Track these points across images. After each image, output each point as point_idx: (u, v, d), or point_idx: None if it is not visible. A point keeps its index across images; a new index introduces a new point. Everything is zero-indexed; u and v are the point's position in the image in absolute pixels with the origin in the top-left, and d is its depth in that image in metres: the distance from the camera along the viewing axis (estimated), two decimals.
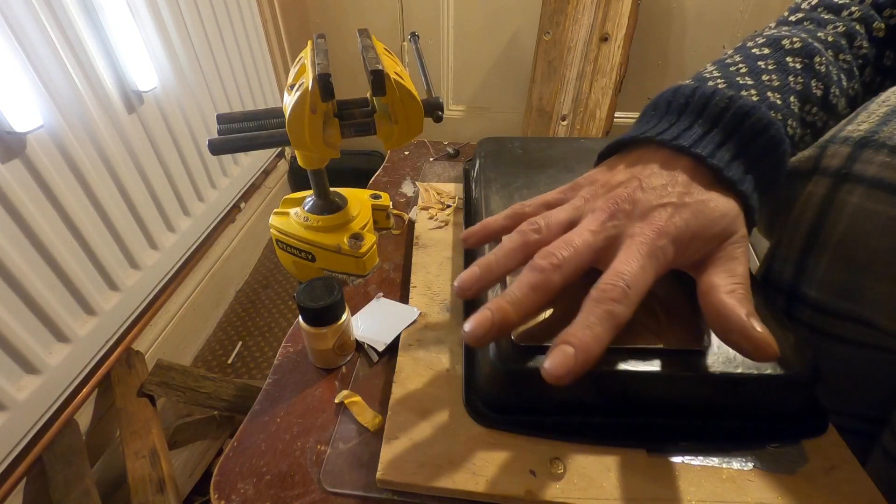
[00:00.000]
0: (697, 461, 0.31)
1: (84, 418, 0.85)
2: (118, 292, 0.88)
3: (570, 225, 0.31)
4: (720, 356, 0.31)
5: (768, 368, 0.30)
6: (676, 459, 0.31)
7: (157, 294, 1.00)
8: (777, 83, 0.32)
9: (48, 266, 0.74)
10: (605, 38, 1.25)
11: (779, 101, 0.32)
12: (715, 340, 0.32)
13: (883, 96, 0.32)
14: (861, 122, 0.31)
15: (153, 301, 0.99)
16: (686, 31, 1.37)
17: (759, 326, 0.25)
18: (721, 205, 0.29)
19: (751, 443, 0.32)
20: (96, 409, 0.89)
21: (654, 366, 0.31)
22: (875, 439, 0.35)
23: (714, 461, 0.31)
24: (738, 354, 0.31)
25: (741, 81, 0.32)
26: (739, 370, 0.30)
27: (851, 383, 0.35)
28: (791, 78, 0.33)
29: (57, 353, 0.76)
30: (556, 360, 0.24)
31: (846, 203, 0.30)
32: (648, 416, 0.33)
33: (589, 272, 0.31)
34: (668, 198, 0.28)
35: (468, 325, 0.27)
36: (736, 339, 0.25)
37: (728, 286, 0.27)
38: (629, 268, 0.26)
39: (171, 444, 0.85)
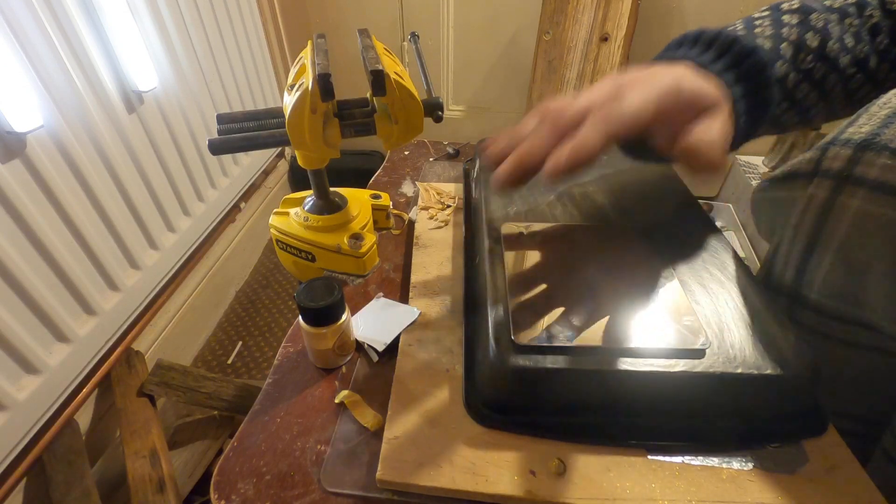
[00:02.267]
0: (697, 461, 0.31)
1: (84, 418, 0.85)
2: (118, 292, 0.88)
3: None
4: (720, 356, 0.31)
5: (768, 368, 0.30)
6: (676, 459, 0.31)
7: (157, 294, 1.00)
8: (769, 32, 0.35)
9: (48, 266, 0.74)
10: (605, 38, 1.25)
11: (768, 45, 0.34)
12: (715, 340, 0.32)
13: (884, 98, 0.32)
14: (862, 125, 0.31)
15: (153, 301, 0.99)
16: (686, 31, 1.37)
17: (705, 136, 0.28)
18: (707, 84, 0.31)
19: (751, 443, 0.32)
20: (96, 409, 0.88)
21: (654, 366, 0.31)
22: (875, 442, 0.35)
23: (714, 461, 0.31)
24: (737, 354, 0.31)
25: (734, 30, 0.36)
26: (739, 370, 0.30)
27: (852, 386, 0.35)
28: (784, 29, 0.35)
29: (57, 353, 0.76)
30: (552, 158, 0.27)
31: (848, 206, 0.30)
32: (648, 416, 0.33)
33: (586, 265, 0.31)
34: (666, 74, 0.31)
35: (498, 170, 0.29)
36: (686, 151, 0.28)
37: (701, 127, 0.29)
38: (631, 100, 0.28)
39: (171, 444, 0.85)
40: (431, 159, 0.75)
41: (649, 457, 0.31)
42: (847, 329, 0.32)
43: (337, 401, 0.39)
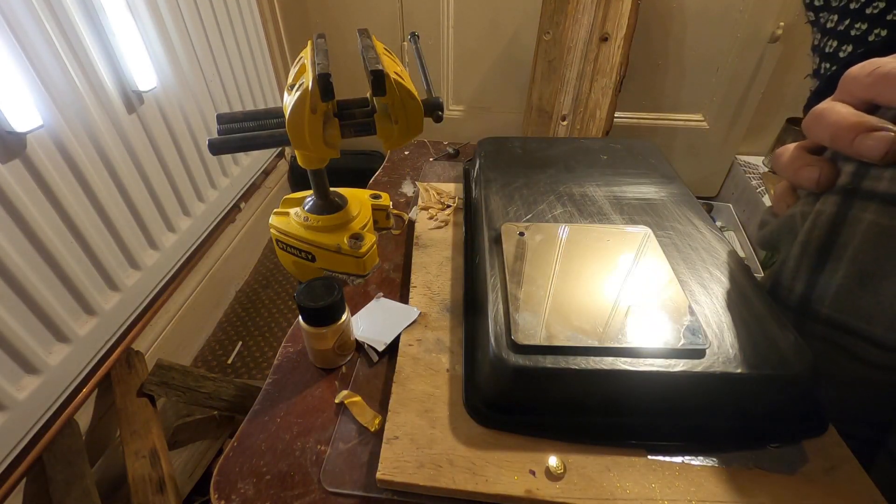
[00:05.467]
0: (697, 461, 0.31)
1: (84, 418, 0.85)
2: (118, 292, 0.88)
3: None
4: (720, 356, 0.31)
5: (768, 368, 0.30)
6: (676, 459, 0.31)
7: (157, 294, 1.00)
8: None
9: (48, 266, 0.74)
10: (605, 38, 1.25)
11: None
12: (715, 340, 0.32)
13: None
14: None
15: (153, 301, 0.99)
16: (686, 31, 1.37)
17: None
18: None
19: (751, 443, 0.32)
20: (96, 409, 0.88)
21: (654, 366, 0.31)
22: (879, 444, 0.34)
23: (714, 461, 0.31)
24: (737, 354, 0.31)
25: None
26: (739, 370, 0.30)
27: (858, 394, 0.35)
28: None
29: (57, 353, 0.76)
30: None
31: (860, 219, 0.30)
32: (648, 416, 0.33)
33: (586, 265, 0.31)
34: None
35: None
36: None
37: None
38: None
39: (171, 444, 0.85)
40: (431, 159, 0.75)
41: (649, 457, 0.31)
42: (857, 343, 0.32)
43: (337, 401, 0.39)
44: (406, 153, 0.78)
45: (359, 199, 0.54)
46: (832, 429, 0.33)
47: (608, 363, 0.31)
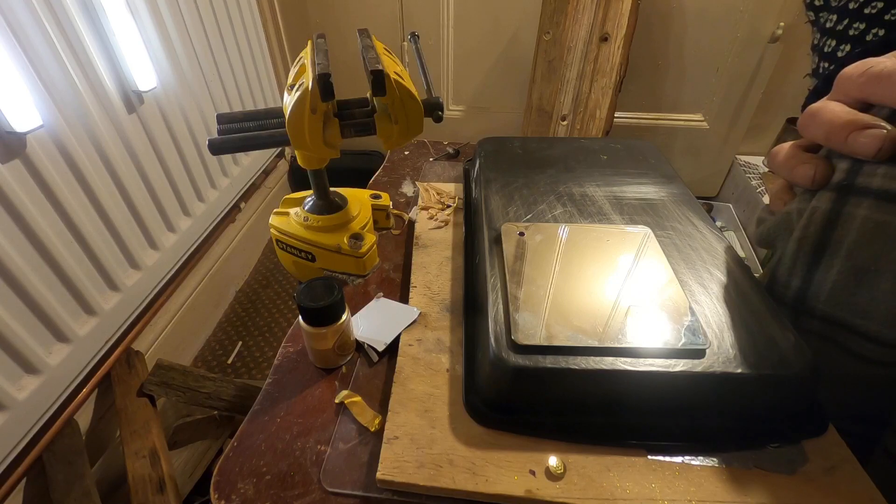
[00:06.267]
0: (697, 461, 0.31)
1: (84, 418, 0.85)
2: (118, 292, 0.88)
3: None
4: (720, 356, 0.31)
5: (768, 368, 0.30)
6: (676, 459, 0.31)
7: (157, 294, 1.00)
8: None
9: (48, 266, 0.74)
10: (605, 38, 1.25)
11: None
12: (715, 340, 0.32)
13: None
14: None
15: (153, 301, 0.99)
16: (686, 31, 1.37)
17: None
18: None
19: (751, 443, 0.32)
20: (96, 409, 0.89)
21: (654, 366, 0.31)
22: (874, 441, 0.34)
23: (714, 461, 0.31)
24: (737, 354, 0.31)
25: None
26: (739, 370, 0.30)
27: (855, 390, 0.35)
28: None
29: (57, 353, 0.76)
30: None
31: (854, 215, 0.30)
32: (648, 416, 0.33)
33: (586, 265, 0.31)
34: None
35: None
36: None
37: None
38: None
39: (171, 444, 0.85)
40: (431, 159, 0.75)
41: (649, 457, 0.31)
42: (853, 339, 0.32)
43: (337, 401, 0.39)
44: (406, 153, 0.78)
45: (359, 199, 0.54)
46: (832, 429, 0.33)
47: (608, 363, 0.31)
